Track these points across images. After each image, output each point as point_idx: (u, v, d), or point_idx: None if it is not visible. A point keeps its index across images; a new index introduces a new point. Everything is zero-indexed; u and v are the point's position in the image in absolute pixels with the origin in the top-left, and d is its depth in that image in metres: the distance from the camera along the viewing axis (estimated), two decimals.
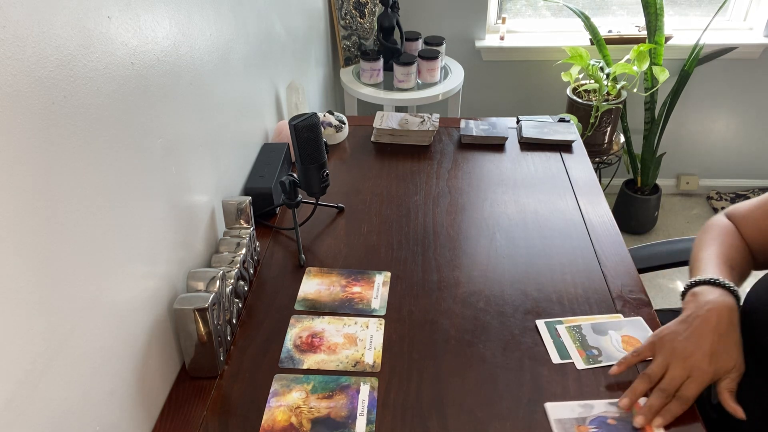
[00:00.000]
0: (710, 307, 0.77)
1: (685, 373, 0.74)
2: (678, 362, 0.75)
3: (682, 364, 0.74)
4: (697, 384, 0.73)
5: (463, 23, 2.31)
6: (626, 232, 2.51)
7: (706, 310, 0.77)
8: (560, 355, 0.87)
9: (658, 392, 0.75)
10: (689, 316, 0.78)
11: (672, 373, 0.75)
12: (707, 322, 0.76)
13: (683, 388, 0.74)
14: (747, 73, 2.39)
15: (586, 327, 0.91)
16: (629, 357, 0.80)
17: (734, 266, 0.85)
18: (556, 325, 0.92)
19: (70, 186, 0.59)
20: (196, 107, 0.91)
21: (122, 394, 0.71)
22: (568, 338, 0.89)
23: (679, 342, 0.76)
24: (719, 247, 0.88)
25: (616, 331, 0.90)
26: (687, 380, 0.74)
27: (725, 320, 0.76)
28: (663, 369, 0.76)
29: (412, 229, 1.13)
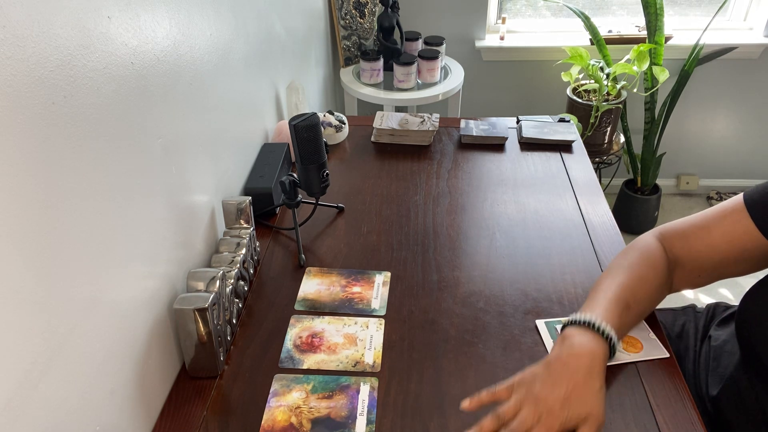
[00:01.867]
0: (574, 352, 0.76)
1: (535, 416, 0.72)
2: (530, 405, 0.72)
3: (534, 407, 0.72)
4: (545, 428, 0.71)
5: (463, 23, 2.31)
6: (626, 232, 2.51)
7: (568, 354, 0.76)
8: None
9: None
10: (551, 360, 0.76)
11: (522, 414, 0.72)
12: (566, 367, 0.74)
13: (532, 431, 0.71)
14: (747, 73, 2.39)
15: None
16: (483, 395, 0.77)
17: (632, 304, 0.82)
18: (556, 325, 0.91)
19: (70, 186, 0.59)
20: (196, 107, 0.91)
21: (122, 394, 0.71)
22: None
23: (536, 385, 0.74)
24: (624, 280, 0.84)
25: None
26: (537, 424, 0.71)
27: (584, 368, 0.74)
28: (515, 410, 0.73)
29: (412, 229, 1.13)
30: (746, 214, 0.81)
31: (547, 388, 0.73)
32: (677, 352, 1.00)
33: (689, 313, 1.06)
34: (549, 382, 0.74)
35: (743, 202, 0.82)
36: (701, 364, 0.94)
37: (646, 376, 0.83)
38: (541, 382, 0.74)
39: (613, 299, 0.81)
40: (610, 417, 0.78)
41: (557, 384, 0.73)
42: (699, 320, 1.03)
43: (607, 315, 0.79)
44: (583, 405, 0.72)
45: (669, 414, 0.78)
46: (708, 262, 0.85)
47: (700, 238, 0.85)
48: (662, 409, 0.79)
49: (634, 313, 0.83)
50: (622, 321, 0.80)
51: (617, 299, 0.81)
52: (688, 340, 1.00)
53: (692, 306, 1.08)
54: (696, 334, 1.00)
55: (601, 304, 0.81)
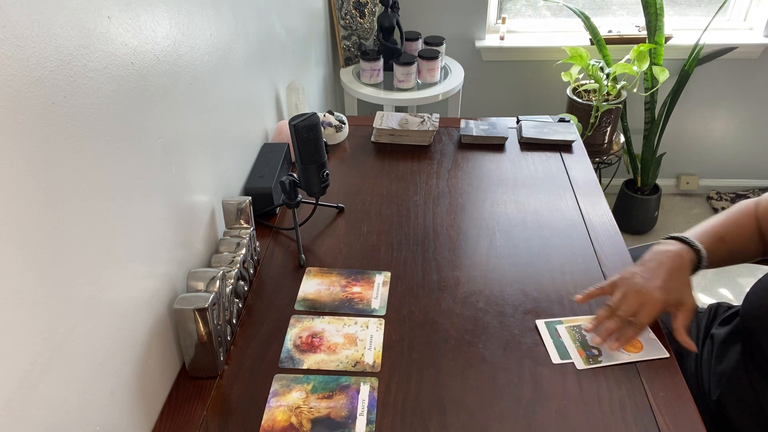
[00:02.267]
0: (666, 253, 0.89)
1: (638, 302, 0.85)
2: (633, 294, 0.86)
3: (637, 295, 0.86)
4: (648, 311, 0.85)
5: (463, 23, 2.31)
6: (626, 232, 2.51)
7: (661, 253, 0.89)
8: (560, 355, 0.87)
9: (615, 318, 0.86)
10: (647, 259, 0.90)
11: (628, 302, 0.86)
12: (660, 264, 0.88)
13: (638, 315, 0.85)
14: (747, 73, 2.39)
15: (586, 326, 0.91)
16: (592, 290, 0.92)
17: (726, 239, 0.92)
18: (556, 325, 0.92)
19: (70, 186, 0.59)
20: (196, 107, 0.91)
21: (122, 394, 0.71)
22: (568, 338, 0.89)
23: (636, 278, 0.88)
24: (723, 220, 0.95)
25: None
26: (641, 308, 0.85)
27: (676, 263, 0.87)
28: (623, 300, 0.87)
29: (412, 229, 1.13)
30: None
31: (645, 279, 0.87)
32: (678, 351, 0.99)
33: None
34: (646, 274, 0.87)
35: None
36: (703, 363, 0.94)
37: (646, 376, 0.83)
38: (639, 275, 0.88)
39: (709, 230, 0.93)
40: (609, 417, 0.78)
41: (654, 276, 0.87)
42: (701, 320, 1.03)
43: (699, 237, 0.92)
44: (678, 292, 0.85)
45: (669, 414, 0.78)
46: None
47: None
48: (662, 409, 0.79)
49: (727, 248, 0.93)
50: (714, 248, 0.91)
51: (713, 231, 0.93)
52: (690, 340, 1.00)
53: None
54: (698, 334, 1.00)
55: (698, 230, 0.94)
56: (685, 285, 0.86)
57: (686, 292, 0.86)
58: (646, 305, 0.85)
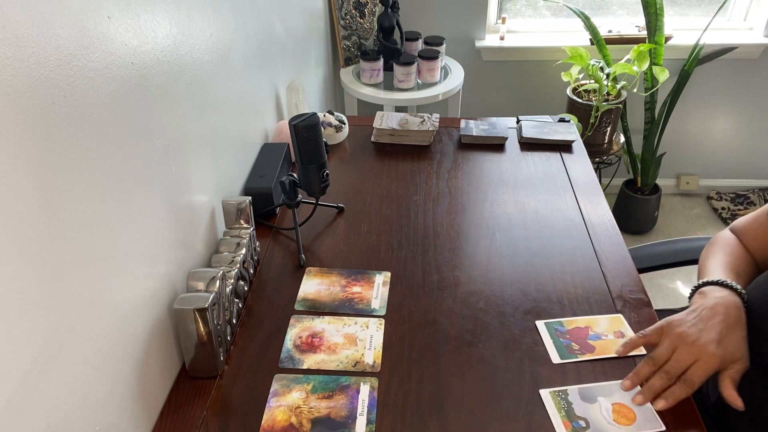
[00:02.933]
0: (718, 302, 0.79)
1: (692, 356, 0.74)
2: (685, 346, 0.75)
3: (690, 348, 0.74)
4: (704, 368, 0.73)
5: (463, 23, 2.31)
6: (626, 232, 2.51)
7: (714, 303, 0.78)
8: (560, 355, 0.87)
9: (662, 373, 0.75)
10: (697, 307, 0.79)
11: (678, 355, 0.75)
12: (716, 313, 0.77)
13: (690, 371, 0.74)
14: (747, 73, 2.39)
15: (573, 393, 0.81)
16: (635, 338, 0.81)
17: (740, 273, 0.87)
18: (555, 325, 0.91)
19: (70, 186, 0.59)
20: (196, 107, 0.91)
21: (122, 394, 0.71)
22: (552, 406, 0.79)
23: (687, 328, 0.76)
24: (725, 256, 0.90)
25: (607, 398, 0.80)
26: (694, 364, 0.74)
27: (733, 314, 0.77)
28: (669, 353, 0.76)
29: (412, 229, 1.13)
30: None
31: (700, 330, 0.75)
32: None
33: None
34: (701, 324, 0.76)
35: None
36: None
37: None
38: (692, 325, 0.76)
39: (725, 269, 0.87)
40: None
41: (710, 327, 0.76)
42: None
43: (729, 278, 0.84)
44: (736, 349, 0.75)
45: (669, 413, 0.78)
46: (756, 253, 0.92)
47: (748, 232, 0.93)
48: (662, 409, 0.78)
49: (743, 281, 0.87)
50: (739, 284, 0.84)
51: (728, 269, 0.87)
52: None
53: None
54: None
55: (718, 271, 0.87)
56: (742, 341, 0.76)
57: (744, 350, 0.76)
58: (701, 360, 0.73)
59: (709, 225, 2.54)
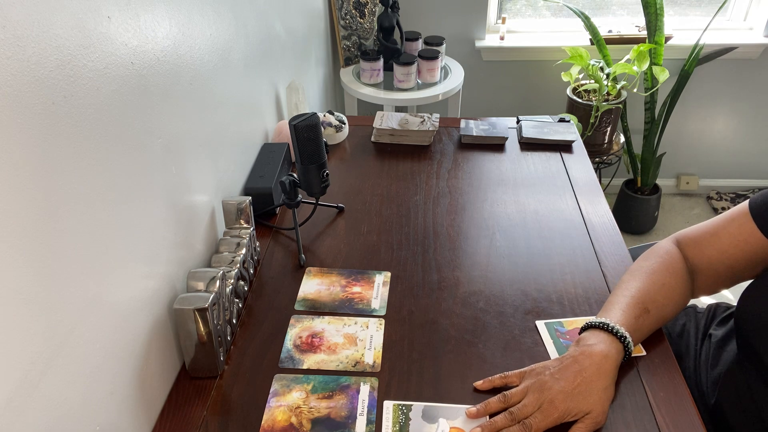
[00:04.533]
0: (586, 351, 0.79)
1: (537, 404, 0.75)
2: (535, 393, 0.76)
3: (538, 396, 0.75)
4: (543, 417, 0.74)
5: (463, 23, 2.31)
6: (626, 232, 2.51)
7: (580, 352, 0.79)
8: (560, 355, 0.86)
9: (507, 414, 0.75)
10: (565, 356, 0.80)
11: (526, 400, 0.76)
12: (577, 363, 0.77)
13: (531, 417, 0.74)
14: (747, 73, 2.39)
15: (416, 409, 0.79)
16: (495, 378, 0.82)
17: (651, 309, 0.84)
18: (555, 326, 0.91)
19: (70, 186, 0.59)
20: (196, 107, 0.91)
21: (122, 394, 0.71)
22: (390, 419, 0.78)
23: (546, 375, 0.77)
24: (643, 285, 0.86)
25: (449, 420, 0.78)
26: (536, 411, 0.75)
27: (594, 366, 0.77)
28: (521, 396, 0.77)
29: (412, 229, 1.13)
30: (750, 218, 0.83)
31: (554, 380, 0.76)
32: (678, 351, 1.00)
33: (690, 313, 1.06)
34: (557, 374, 0.77)
35: (748, 206, 0.84)
36: (701, 363, 0.95)
37: (646, 376, 0.83)
38: (550, 374, 0.77)
39: (632, 303, 0.84)
40: (610, 417, 0.78)
41: (564, 377, 0.76)
42: (699, 320, 1.03)
43: (623, 318, 0.82)
44: (584, 401, 0.75)
45: (669, 414, 0.78)
46: (721, 267, 0.86)
47: (711, 244, 0.87)
48: (662, 409, 0.79)
49: (653, 318, 0.84)
50: (639, 324, 0.82)
51: (635, 303, 0.83)
52: (689, 340, 1.00)
53: (693, 306, 1.08)
54: (696, 334, 1.00)
55: (619, 307, 0.83)
56: (597, 393, 0.75)
57: (596, 402, 0.75)
58: (542, 410, 0.74)
59: None
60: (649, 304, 0.84)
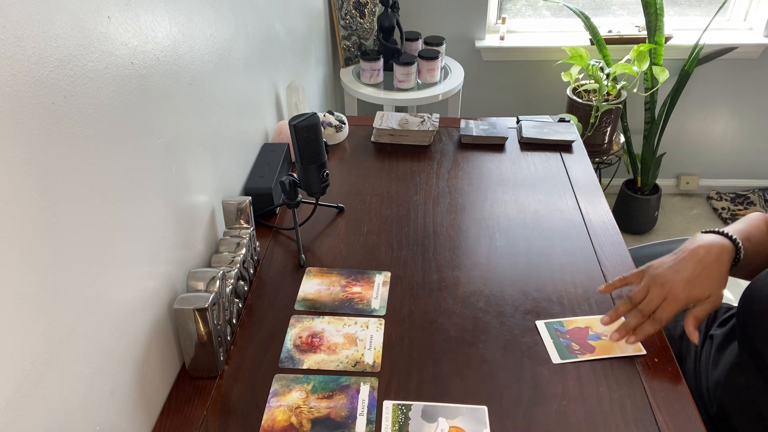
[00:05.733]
0: (701, 243, 0.83)
1: (661, 296, 0.80)
2: (657, 287, 0.81)
3: (660, 289, 0.81)
4: (671, 307, 0.79)
5: (463, 23, 2.31)
6: (626, 232, 2.51)
7: (696, 245, 0.83)
8: (560, 355, 0.87)
9: (636, 312, 0.82)
10: (680, 249, 0.85)
11: (650, 296, 0.81)
12: (694, 254, 0.82)
13: (659, 310, 0.80)
14: (747, 73, 2.39)
15: (416, 408, 0.79)
16: (616, 281, 0.88)
17: (752, 239, 0.88)
18: (555, 325, 0.91)
19: (70, 186, 0.59)
20: (196, 107, 0.91)
21: (122, 394, 0.71)
22: (389, 418, 0.78)
23: (663, 269, 0.82)
24: (744, 224, 0.91)
25: (448, 419, 0.78)
26: (663, 303, 0.80)
27: (712, 255, 0.81)
28: (644, 293, 0.82)
29: (412, 229, 1.13)
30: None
31: (673, 271, 0.81)
32: (678, 352, 1.00)
33: None
34: (675, 267, 0.82)
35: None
36: (702, 363, 0.95)
37: (646, 376, 0.83)
38: (668, 267, 0.82)
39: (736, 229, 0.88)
40: (610, 416, 0.78)
41: (683, 268, 0.81)
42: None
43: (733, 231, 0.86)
44: (705, 287, 0.80)
45: (669, 414, 0.78)
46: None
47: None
48: (662, 409, 0.79)
49: (753, 248, 0.88)
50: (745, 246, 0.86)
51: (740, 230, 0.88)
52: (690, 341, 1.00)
53: None
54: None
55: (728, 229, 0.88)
56: (717, 279, 0.80)
57: (714, 287, 0.80)
58: (668, 300, 0.80)
59: (709, 225, 2.53)
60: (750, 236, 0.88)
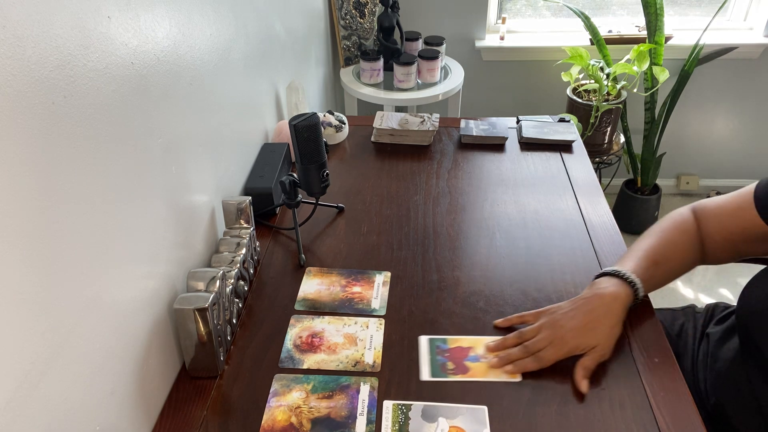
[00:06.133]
0: (598, 293, 0.86)
1: (548, 340, 0.83)
2: (547, 329, 0.84)
3: (550, 332, 0.83)
4: (555, 350, 0.82)
5: (463, 23, 2.31)
6: (626, 232, 2.51)
7: (592, 294, 0.86)
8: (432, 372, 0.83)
9: (522, 347, 0.84)
10: (577, 297, 0.87)
11: (539, 336, 0.84)
12: (587, 303, 0.85)
13: (543, 351, 0.82)
14: (747, 73, 2.39)
15: (416, 408, 0.79)
16: (513, 317, 0.90)
17: (661, 262, 0.90)
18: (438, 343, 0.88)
19: (70, 186, 0.59)
20: (196, 107, 0.91)
21: (122, 394, 0.71)
22: (389, 418, 0.78)
23: (558, 314, 0.85)
24: (654, 242, 0.92)
25: (448, 419, 0.78)
26: (548, 346, 0.82)
27: (604, 306, 0.84)
28: (535, 333, 0.85)
29: (412, 229, 1.13)
30: (752, 198, 0.88)
31: (566, 317, 0.84)
32: (676, 351, 1.00)
33: (689, 313, 1.06)
34: (569, 314, 0.84)
35: (754, 187, 0.89)
36: (699, 362, 0.95)
37: (646, 375, 0.83)
38: (562, 313, 0.85)
39: (642, 256, 0.90)
40: (610, 416, 0.78)
41: (574, 317, 0.83)
42: (698, 320, 1.03)
43: (634, 266, 0.88)
44: (593, 337, 0.82)
45: (669, 414, 0.78)
46: (719, 239, 0.91)
47: (715, 216, 0.92)
48: (662, 409, 0.79)
49: (663, 270, 0.90)
50: (649, 274, 0.88)
51: (646, 256, 0.90)
52: (687, 340, 1.00)
53: (692, 306, 1.08)
54: (695, 334, 1.01)
55: (631, 259, 0.90)
56: (605, 330, 0.82)
57: (601, 338, 0.82)
58: (554, 344, 0.82)
59: None
60: (659, 258, 0.90)
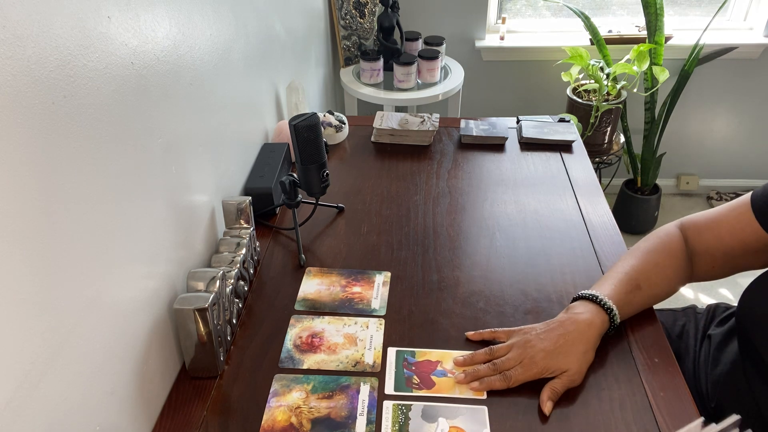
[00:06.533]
0: (573, 317, 0.84)
1: (518, 359, 0.81)
2: (518, 349, 0.82)
3: (520, 352, 0.82)
4: (524, 371, 0.80)
5: (463, 23, 2.31)
6: (626, 232, 2.51)
7: (567, 318, 0.84)
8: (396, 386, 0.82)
9: (490, 365, 0.82)
10: (552, 320, 0.85)
11: (509, 355, 0.82)
12: (561, 326, 0.83)
13: (512, 370, 0.81)
14: (747, 73, 2.39)
15: (416, 408, 0.79)
16: (486, 332, 0.88)
17: (643, 286, 0.87)
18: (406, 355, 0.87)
19: (70, 186, 0.59)
20: (196, 107, 0.91)
21: (122, 394, 0.71)
22: (389, 418, 0.78)
23: (530, 335, 0.83)
24: (638, 263, 0.89)
25: (449, 419, 0.78)
26: (518, 365, 0.81)
27: (578, 332, 0.82)
28: (506, 351, 0.83)
29: (412, 229, 1.13)
30: (750, 209, 0.84)
31: (538, 339, 0.82)
32: (677, 352, 1.00)
33: (689, 313, 1.06)
34: (542, 335, 0.83)
35: (750, 197, 0.85)
36: (701, 363, 0.95)
37: (646, 376, 0.83)
38: (535, 334, 0.83)
39: (624, 279, 0.87)
40: (610, 416, 0.78)
41: (547, 338, 0.82)
42: (699, 321, 1.03)
43: (613, 291, 0.86)
44: (563, 360, 0.80)
45: (669, 414, 0.78)
46: (717, 254, 0.89)
47: (710, 230, 0.89)
48: (662, 409, 0.79)
49: (645, 295, 0.88)
50: (628, 299, 0.86)
51: (628, 279, 0.87)
52: (688, 341, 1.00)
53: (693, 307, 1.08)
54: (696, 335, 1.00)
55: (611, 282, 0.88)
56: (577, 355, 0.80)
57: (572, 362, 0.80)
58: (523, 364, 0.80)
59: None
60: (641, 281, 0.87)
